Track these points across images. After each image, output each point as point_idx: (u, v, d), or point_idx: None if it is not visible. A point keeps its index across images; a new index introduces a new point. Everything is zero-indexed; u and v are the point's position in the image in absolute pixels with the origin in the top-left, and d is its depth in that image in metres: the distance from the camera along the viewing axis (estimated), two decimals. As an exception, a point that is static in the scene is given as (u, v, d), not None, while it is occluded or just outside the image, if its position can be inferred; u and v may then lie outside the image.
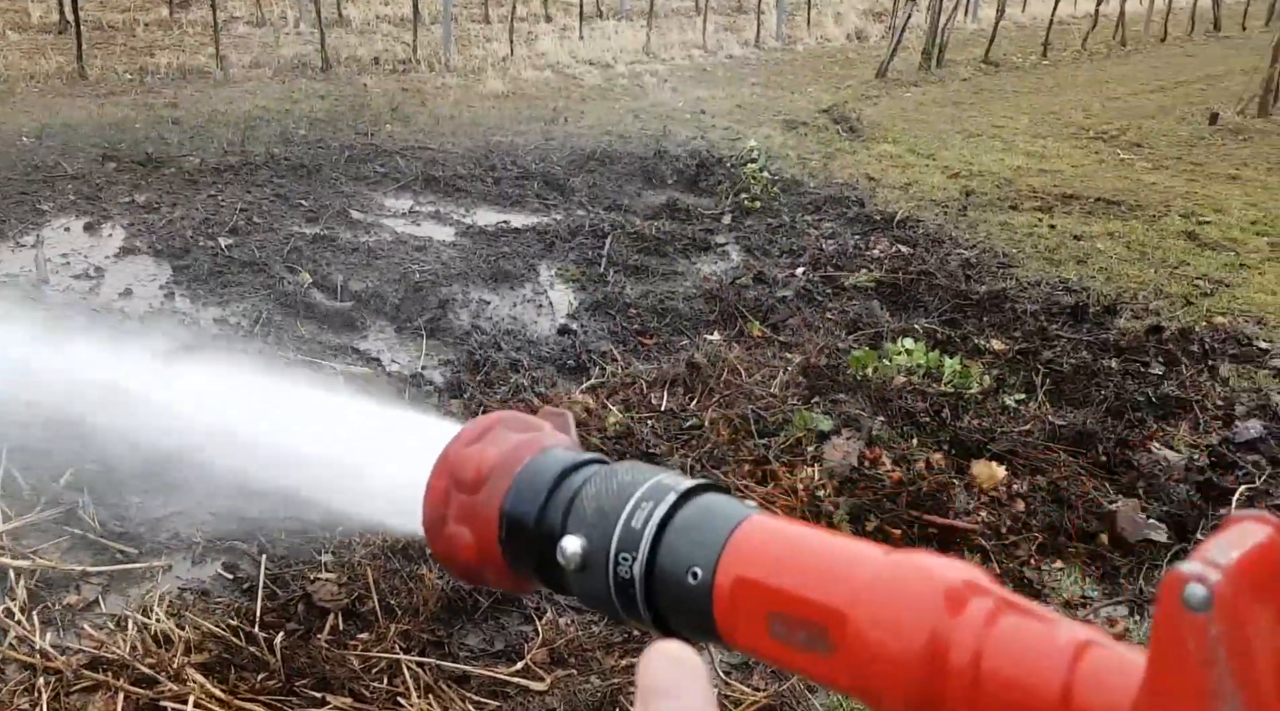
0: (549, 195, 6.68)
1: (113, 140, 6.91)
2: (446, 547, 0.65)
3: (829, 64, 14.02)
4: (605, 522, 0.58)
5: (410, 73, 10.98)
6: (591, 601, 0.60)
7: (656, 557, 0.56)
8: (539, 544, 0.61)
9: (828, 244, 5.90)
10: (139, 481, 3.04)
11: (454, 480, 0.65)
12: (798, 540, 0.54)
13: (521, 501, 0.62)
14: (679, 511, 0.58)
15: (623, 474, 0.61)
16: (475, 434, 0.66)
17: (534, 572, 0.63)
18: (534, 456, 0.64)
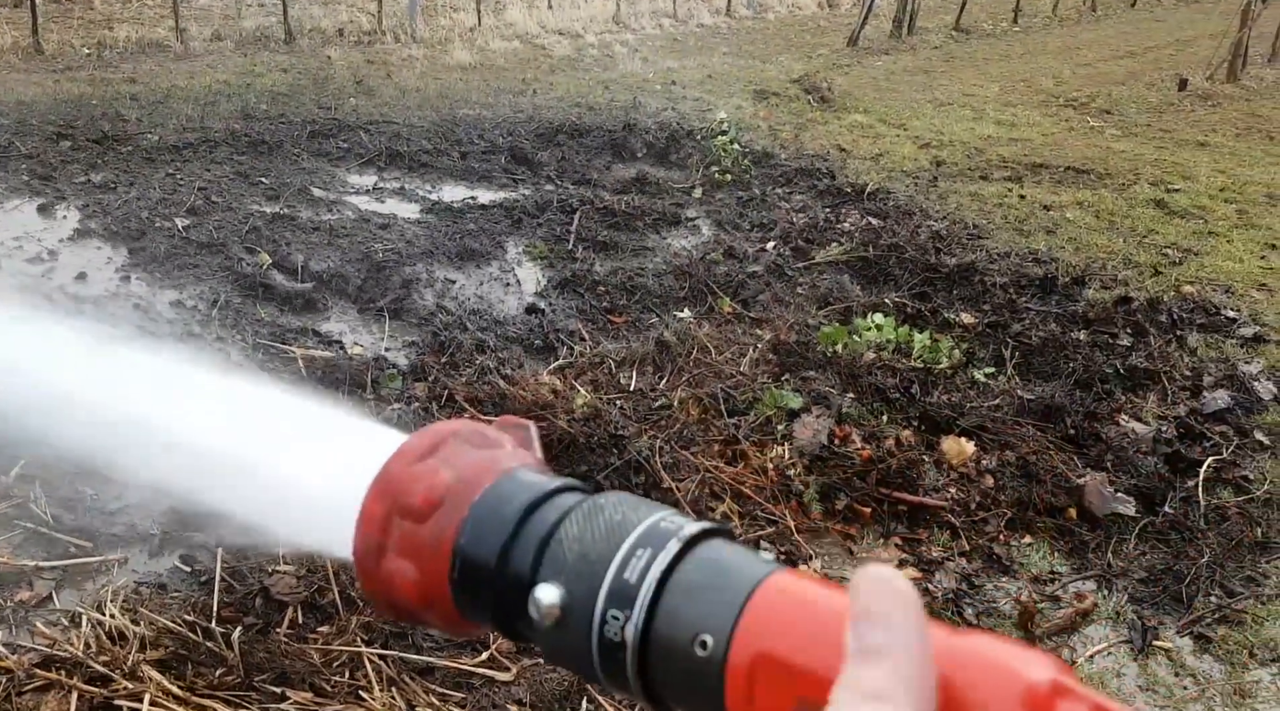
0: (517, 170, 6.58)
1: (68, 117, 6.73)
2: (383, 584, 0.55)
3: (800, 32, 13.91)
4: (590, 571, 0.49)
5: (375, 44, 10.78)
6: (563, 660, 0.51)
7: (654, 619, 0.47)
8: (501, 589, 0.52)
9: (798, 217, 5.85)
10: (93, 472, 2.96)
11: (396, 504, 0.55)
12: (835, 609, 0.44)
13: (482, 536, 0.53)
14: (682, 562, 0.48)
15: (611, 511, 0.52)
16: (423, 448, 0.57)
17: (488, 618, 0.54)
18: (496, 480, 0.55)
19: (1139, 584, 2.93)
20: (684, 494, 3.00)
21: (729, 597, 0.46)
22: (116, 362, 0.81)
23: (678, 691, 0.47)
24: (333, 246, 4.76)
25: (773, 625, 0.45)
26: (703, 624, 0.46)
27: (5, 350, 0.84)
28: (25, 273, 4.15)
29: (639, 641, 0.47)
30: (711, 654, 0.46)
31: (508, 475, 0.55)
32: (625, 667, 0.48)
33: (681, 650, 0.46)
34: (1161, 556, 3.04)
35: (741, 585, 0.47)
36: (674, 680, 0.47)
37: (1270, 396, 3.93)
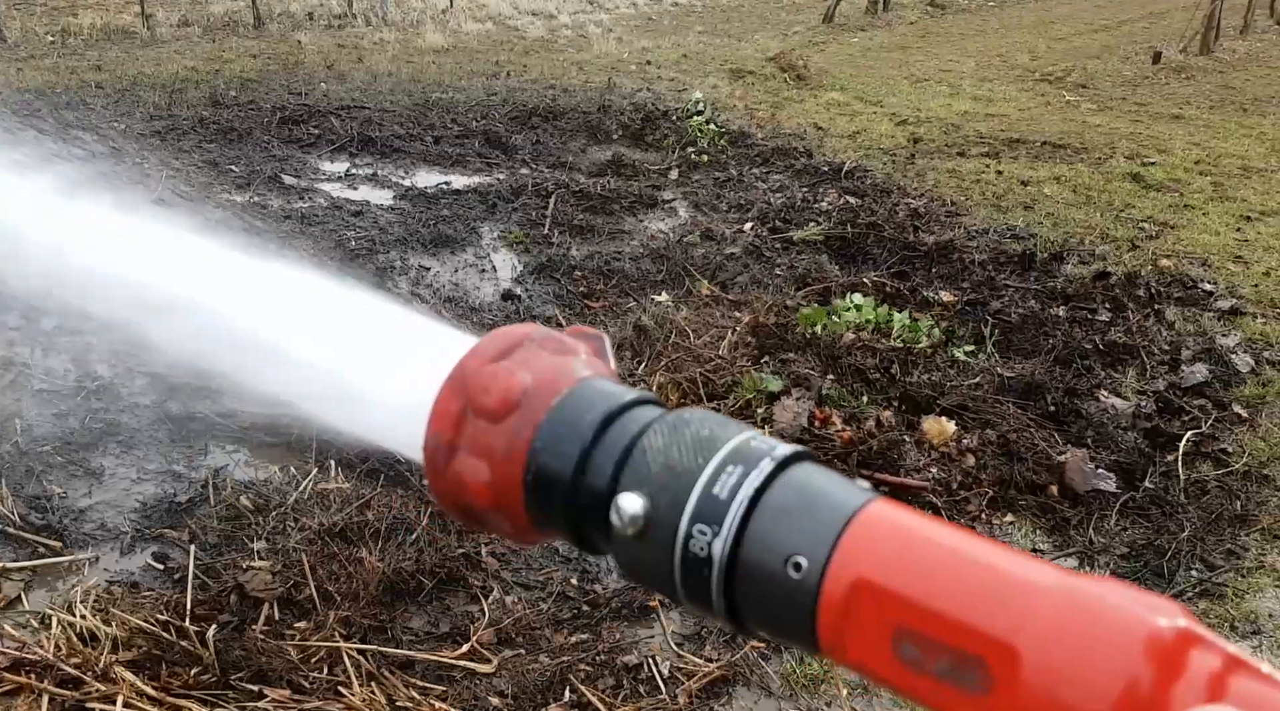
0: (491, 154, 6.50)
1: (33, 106, 6.59)
2: (452, 482, 0.54)
3: (776, 9, 13.83)
4: (677, 484, 0.48)
5: (346, 28, 10.63)
6: (639, 573, 0.50)
7: (744, 537, 0.46)
8: (577, 496, 0.51)
9: (775, 197, 5.82)
10: (61, 469, 2.91)
11: (471, 403, 0.54)
12: (942, 542, 0.43)
13: (559, 440, 0.52)
14: (775, 482, 0.47)
15: (698, 425, 0.50)
16: (499, 349, 0.55)
17: (560, 527, 0.53)
18: (574, 386, 0.54)
19: (1120, 560, 2.93)
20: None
21: (827, 521, 0.45)
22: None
23: (765, 612, 0.46)
24: (304, 235, 4.69)
25: (874, 551, 0.44)
26: (797, 545, 0.45)
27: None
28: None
29: (727, 558, 0.46)
30: (805, 576, 0.44)
31: (585, 382, 0.54)
32: (709, 584, 0.47)
33: (773, 570, 0.45)
34: (1143, 531, 3.04)
35: (840, 509, 0.46)
36: (762, 600, 0.46)
37: (1247, 369, 3.94)
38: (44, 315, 3.72)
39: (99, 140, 5.66)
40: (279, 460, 3.05)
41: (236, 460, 3.03)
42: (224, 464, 3.00)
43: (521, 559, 2.79)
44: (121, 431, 3.07)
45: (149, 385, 3.33)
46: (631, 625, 2.54)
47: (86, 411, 3.13)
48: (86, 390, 3.24)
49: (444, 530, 2.82)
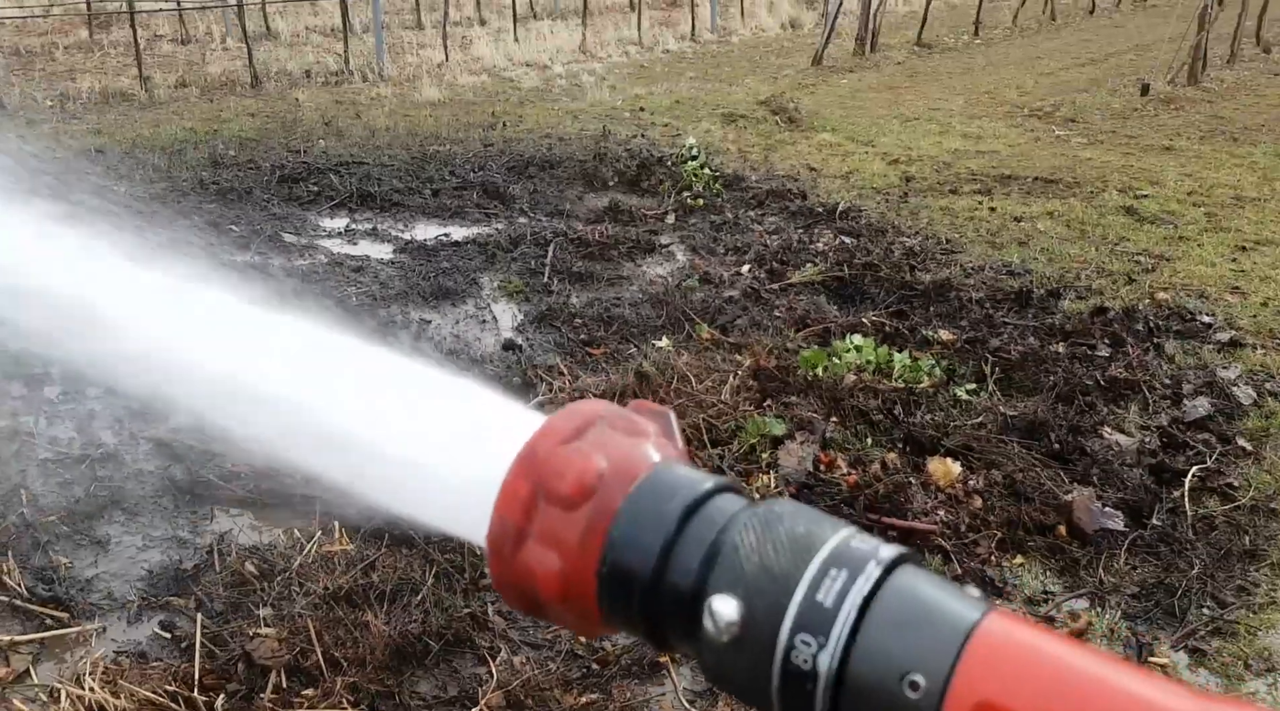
0: (489, 204, 6.56)
1: (35, 171, 6.66)
2: (518, 571, 0.51)
3: (765, 54, 14.02)
4: (775, 588, 0.45)
5: (343, 84, 10.78)
6: (731, 682, 0.47)
7: (853, 651, 0.44)
8: (658, 592, 0.48)
9: (772, 239, 5.86)
10: (67, 539, 2.90)
11: (544, 487, 0.51)
12: (1068, 660, 0.41)
13: (638, 531, 0.49)
14: (881, 589, 0.45)
15: (790, 521, 0.48)
16: (571, 429, 0.53)
17: (634, 623, 0.50)
18: (650, 472, 0.51)
19: (1131, 599, 2.91)
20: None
21: (945, 635, 0.43)
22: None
23: None
24: (305, 293, 4.72)
25: (998, 671, 0.41)
26: (914, 662, 0.42)
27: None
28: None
29: (835, 674, 0.44)
30: (924, 697, 0.42)
31: (661, 467, 0.52)
32: (814, 700, 0.44)
33: (887, 689, 0.42)
34: (1152, 570, 3.02)
35: (958, 622, 0.43)
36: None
37: (1250, 401, 3.94)
38: (48, 382, 3.73)
39: (100, 204, 5.72)
40: (283, 523, 3.05)
41: (241, 524, 3.03)
42: (228, 528, 2.99)
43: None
44: (126, 499, 3.07)
45: (153, 451, 3.34)
46: (642, 682, 2.52)
47: (91, 479, 3.14)
48: (91, 458, 3.24)
49: (449, 590, 2.81)
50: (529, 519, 0.51)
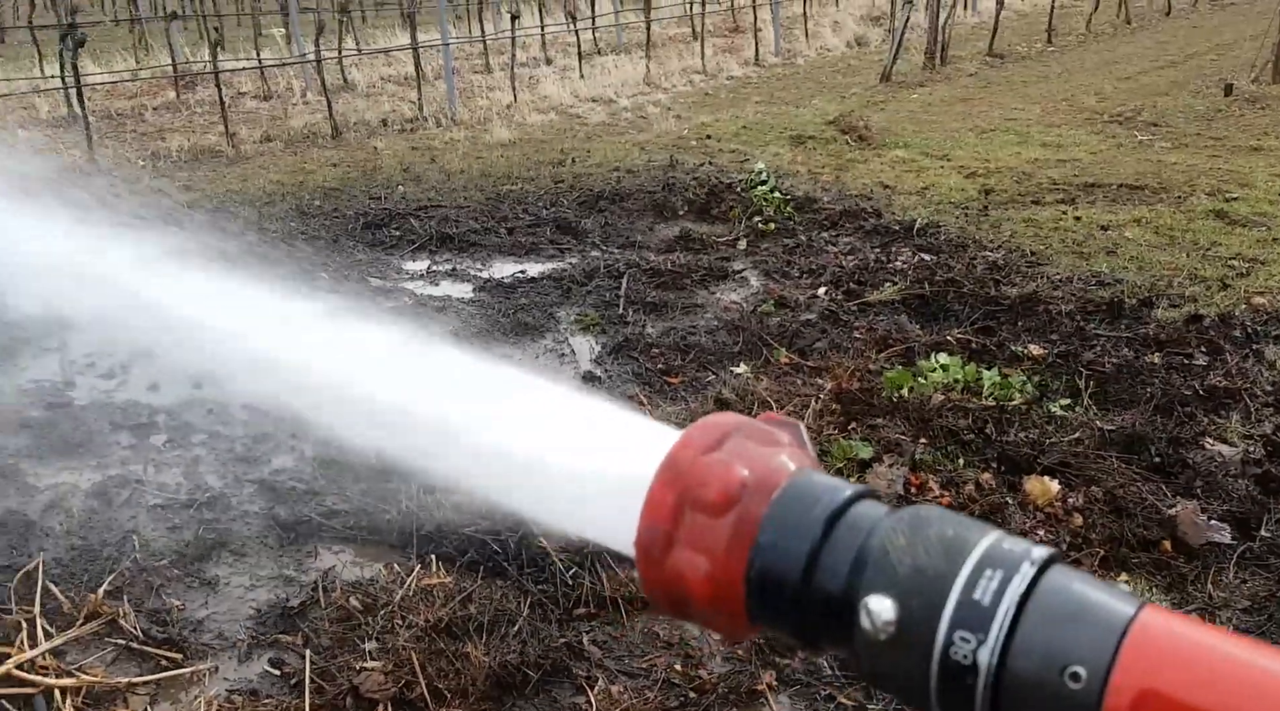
0: (562, 240, 6.66)
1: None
2: (668, 576, 0.54)
3: (831, 74, 13.98)
4: (930, 588, 0.47)
5: (418, 130, 11.08)
6: (886, 679, 0.49)
7: (1012, 646, 0.45)
8: (808, 594, 0.51)
9: (848, 260, 5.82)
10: (179, 581, 3.02)
11: (688, 496, 0.54)
12: (1225, 648, 0.42)
13: (785, 537, 0.51)
14: (1037, 587, 0.47)
15: (939, 524, 0.50)
16: (710, 440, 0.56)
17: (783, 624, 0.53)
18: (791, 480, 0.54)
19: (1243, 613, 2.79)
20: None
21: (1104, 628, 0.44)
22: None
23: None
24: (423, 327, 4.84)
25: (1157, 660, 0.43)
26: (1074, 654, 0.44)
27: None
28: (99, 388, 4.29)
29: (995, 668, 0.45)
30: (1085, 687, 0.43)
31: (800, 476, 0.54)
32: (974, 694, 0.46)
33: (1048, 681, 0.44)
34: (1264, 582, 2.90)
35: (1116, 616, 0.45)
36: (1037, 709, 0.45)
37: (1364, 405, 3.76)
38: (155, 431, 3.90)
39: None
40: (382, 558, 3.12)
41: (343, 560, 3.11)
42: (331, 565, 3.08)
43: (623, 646, 2.79)
44: (233, 540, 3.19)
45: (256, 492, 3.46)
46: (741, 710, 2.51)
47: (199, 523, 3.26)
48: (198, 502, 3.37)
49: (544, 620, 2.84)
50: (676, 525, 0.53)
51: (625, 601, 2.95)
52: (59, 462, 3.63)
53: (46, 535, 3.17)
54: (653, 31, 14.28)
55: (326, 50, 11.56)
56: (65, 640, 2.74)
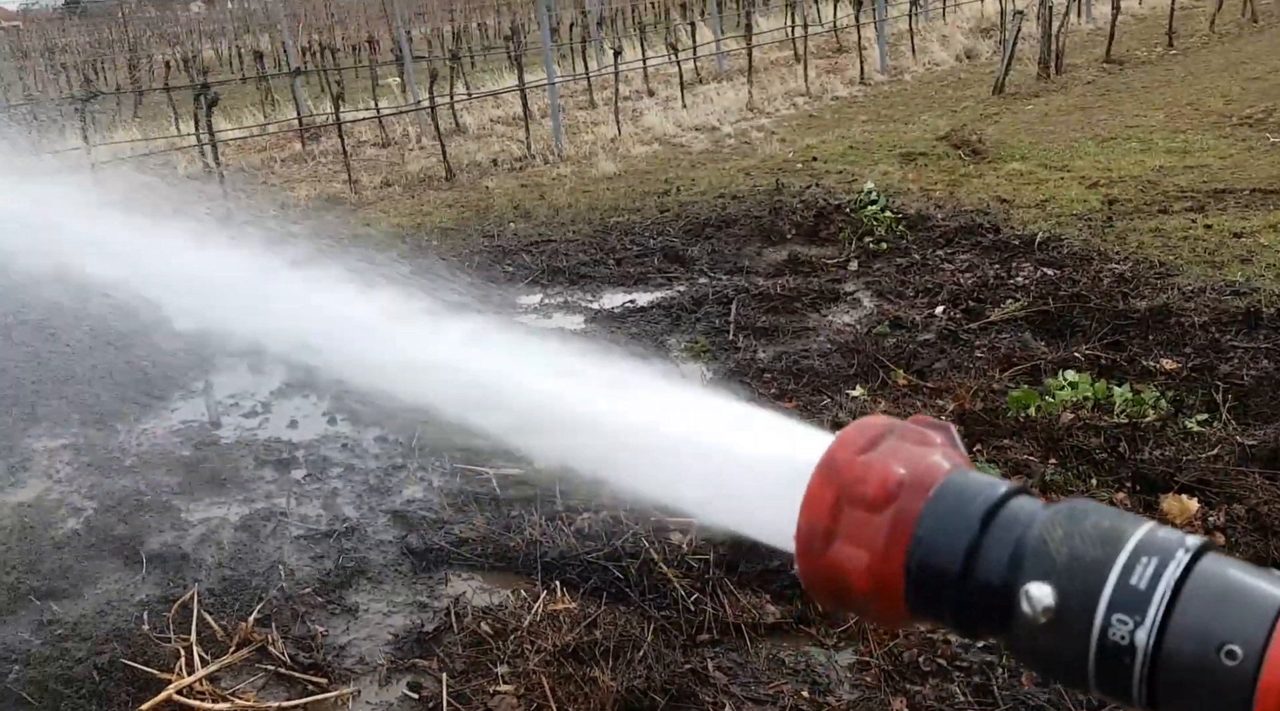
0: (670, 268, 6.73)
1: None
2: (828, 568, 0.57)
3: (941, 89, 13.74)
4: (1087, 574, 0.50)
5: (527, 168, 11.39)
6: (1044, 662, 0.52)
7: (1168, 627, 0.48)
8: (967, 584, 0.54)
9: (965, 277, 5.70)
10: (321, 608, 3.16)
11: (846, 493, 0.57)
12: None
13: (943, 531, 0.54)
14: (1192, 572, 0.49)
15: (1096, 516, 0.53)
16: (866, 440, 0.59)
17: (942, 614, 0.56)
18: (947, 477, 0.57)
19: None
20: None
21: (1259, 608, 0.46)
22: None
23: (1193, 701, 0.47)
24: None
25: None
26: (1230, 633, 0.46)
27: None
28: (243, 427, 4.55)
29: (1152, 648, 0.48)
30: (1242, 664, 0.45)
31: (955, 474, 0.57)
32: (1131, 673, 0.48)
33: (1204, 659, 0.46)
34: None
35: (1270, 596, 0.47)
36: (1188, 690, 0.47)
37: None
38: (295, 466, 4.11)
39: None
40: (509, 584, 3.21)
41: (472, 587, 3.22)
42: (462, 591, 3.18)
43: (749, 672, 2.79)
44: (370, 568, 3.33)
45: (390, 522, 3.60)
46: (872, 738, 2.47)
47: (339, 552, 3.42)
48: (337, 532, 3.54)
49: (669, 646, 2.86)
50: (835, 521, 0.57)
51: (749, 627, 2.95)
52: (209, 498, 3.87)
53: (199, 566, 3.38)
54: (754, 57, 14.33)
55: (439, 96, 12.01)
56: (219, 666, 2.91)
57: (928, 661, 2.68)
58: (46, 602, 3.23)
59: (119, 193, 1.36)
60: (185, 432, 4.47)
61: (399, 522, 3.59)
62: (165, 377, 5.09)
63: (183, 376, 5.14)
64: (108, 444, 4.38)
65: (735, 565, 3.19)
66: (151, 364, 5.25)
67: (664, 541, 3.30)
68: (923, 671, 2.65)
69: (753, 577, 3.15)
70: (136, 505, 3.77)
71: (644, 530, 3.35)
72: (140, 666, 2.87)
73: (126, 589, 3.29)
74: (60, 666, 2.90)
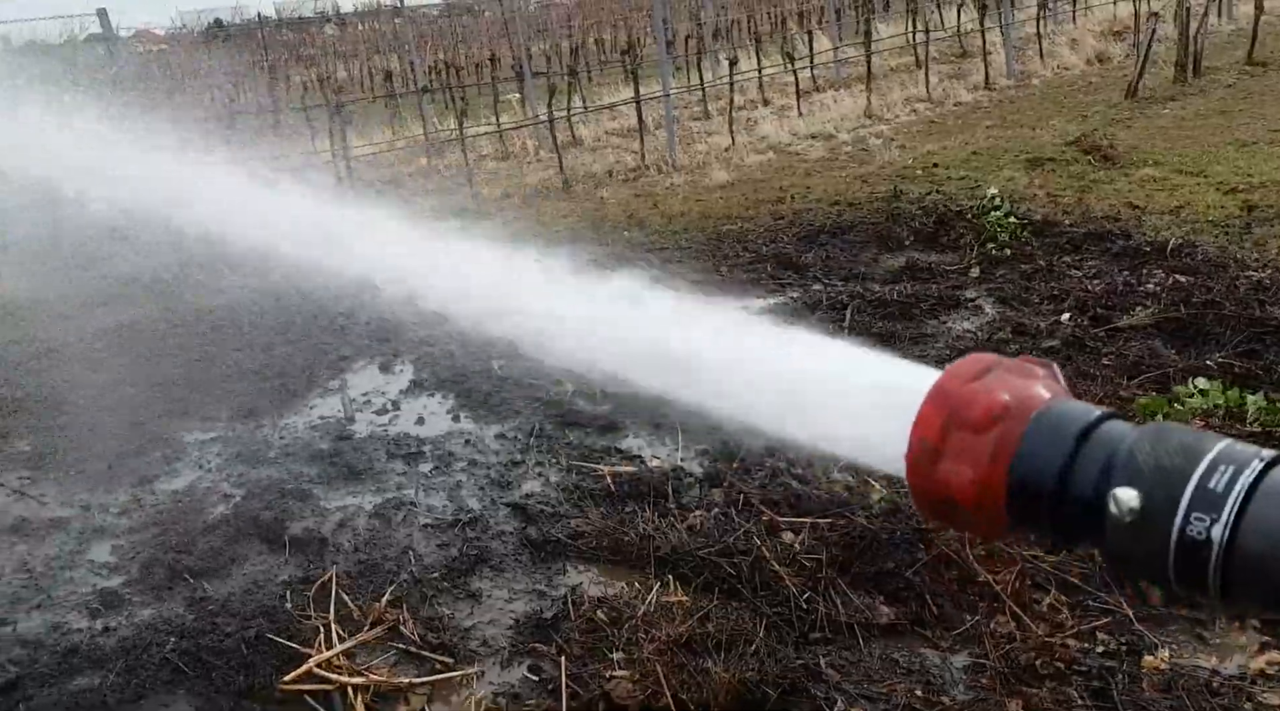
0: (783, 274, 6.74)
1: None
2: (936, 484, 0.63)
3: (1070, 93, 13.30)
4: (1170, 479, 0.56)
5: (640, 178, 11.56)
6: (1127, 559, 0.57)
7: (1242, 524, 0.53)
8: (1064, 495, 0.59)
9: (1093, 284, 5.54)
10: (448, 593, 3.32)
11: (955, 416, 0.63)
12: None
13: (1043, 447, 0.61)
14: (1266, 477, 0.54)
15: (1180, 433, 0.58)
16: (974, 371, 0.66)
17: (1039, 524, 0.61)
18: (1047, 404, 0.63)
19: None
20: (1003, 586, 2.87)
21: None
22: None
23: (1263, 588, 0.53)
24: (627, 370, 5.09)
25: None
26: None
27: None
28: (376, 423, 4.79)
29: (1226, 541, 0.53)
30: None
31: (1055, 401, 0.63)
32: (1207, 565, 0.54)
33: (1273, 551, 0.52)
34: None
35: None
36: (1260, 579, 0.52)
37: None
38: (423, 459, 4.31)
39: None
40: (623, 576, 3.31)
41: (588, 578, 3.33)
42: (579, 582, 3.30)
43: (861, 671, 2.80)
44: (492, 557, 3.48)
45: (510, 514, 3.75)
46: (986, 739, 2.46)
47: (464, 541, 3.58)
48: (461, 522, 3.71)
49: (780, 642, 2.90)
50: (943, 441, 0.63)
51: (862, 627, 2.96)
52: (346, 488, 4.10)
53: (337, 550, 3.59)
54: (873, 63, 14.17)
55: (557, 110, 12.31)
56: (355, 643, 3.09)
57: (1045, 664, 2.64)
58: (199, 581, 3.49)
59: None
60: (323, 428, 4.74)
61: (518, 515, 3.73)
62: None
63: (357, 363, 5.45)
64: (254, 436, 4.69)
65: (849, 565, 3.20)
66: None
67: (776, 539, 3.34)
68: (1040, 674, 2.61)
69: (867, 578, 3.16)
70: (280, 493, 4.03)
71: (755, 528, 3.40)
72: (283, 641, 3.08)
73: (271, 570, 3.52)
74: (211, 639, 3.13)
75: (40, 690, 2.96)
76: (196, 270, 7.35)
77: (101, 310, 6.92)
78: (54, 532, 3.93)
